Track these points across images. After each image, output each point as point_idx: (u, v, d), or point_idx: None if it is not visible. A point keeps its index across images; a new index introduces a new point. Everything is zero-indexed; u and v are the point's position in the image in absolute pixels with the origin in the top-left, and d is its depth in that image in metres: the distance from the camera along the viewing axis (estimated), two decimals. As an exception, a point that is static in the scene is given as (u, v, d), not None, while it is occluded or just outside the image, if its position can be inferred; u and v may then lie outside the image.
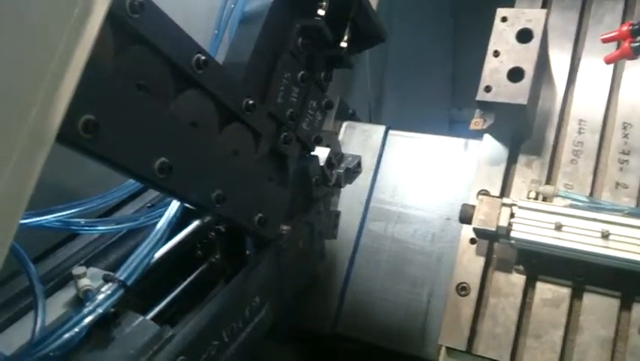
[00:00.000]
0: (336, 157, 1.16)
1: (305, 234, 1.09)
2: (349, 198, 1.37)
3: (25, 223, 0.76)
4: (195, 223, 0.96)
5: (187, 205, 0.86)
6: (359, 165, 1.24)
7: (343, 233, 1.29)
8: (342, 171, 1.17)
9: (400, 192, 1.39)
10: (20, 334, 0.72)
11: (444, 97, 2.88)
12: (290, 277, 1.04)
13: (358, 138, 1.48)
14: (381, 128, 1.48)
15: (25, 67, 0.46)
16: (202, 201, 0.77)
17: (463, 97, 2.83)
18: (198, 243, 0.97)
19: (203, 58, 0.73)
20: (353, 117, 1.55)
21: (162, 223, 0.84)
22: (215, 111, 0.79)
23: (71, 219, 0.82)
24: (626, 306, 1.02)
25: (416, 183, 1.38)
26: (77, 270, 0.79)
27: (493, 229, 1.05)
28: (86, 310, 0.72)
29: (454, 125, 2.86)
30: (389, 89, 2.14)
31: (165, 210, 0.86)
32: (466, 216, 1.09)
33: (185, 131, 0.73)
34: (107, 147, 0.60)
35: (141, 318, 0.79)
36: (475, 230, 1.08)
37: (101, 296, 0.74)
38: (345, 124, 1.51)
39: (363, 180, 1.35)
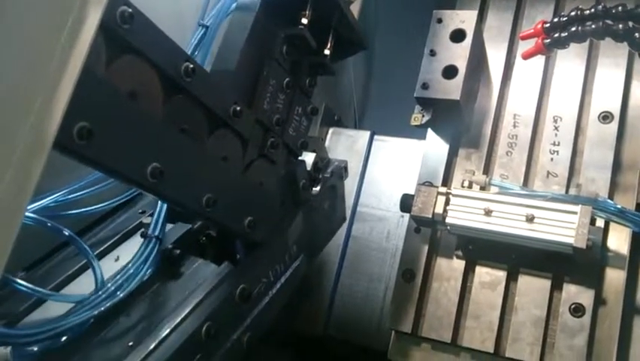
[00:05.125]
0: (322, 162, 1.19)
1: (329, 196, 1.16)
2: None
3: None
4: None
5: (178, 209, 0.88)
6: (345, 169, 1.27)
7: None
8: (328, 175, 1.20)
9: (387, 196, 1.41)
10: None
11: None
12: (318, 233, 1.14)
13: (344, 144, 1.51)
14: (367, 134, 1.51)
15: (21, 76, 0.48)
16: (193, 205, 0.79)
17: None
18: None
19: (191, 66, 0.75)
20: (338, 123, 1.58)
21: None
22: (203, 118, 0.82)
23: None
24: (557, 286, 1.09)
25: (402, 187, 1.40)
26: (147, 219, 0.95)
27: (430, 216, 1.11)
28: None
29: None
30: (374, 94, 2.17)
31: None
32: (406, 206, 1.16)
33: (175, 138, 0.75)
34: (100, 152, 0.62)
35: (200, 260, 0.92)
36: (414, 217, 1.15)
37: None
38: (330, 130, 1.54)
39: (349, 185, 1.37)
